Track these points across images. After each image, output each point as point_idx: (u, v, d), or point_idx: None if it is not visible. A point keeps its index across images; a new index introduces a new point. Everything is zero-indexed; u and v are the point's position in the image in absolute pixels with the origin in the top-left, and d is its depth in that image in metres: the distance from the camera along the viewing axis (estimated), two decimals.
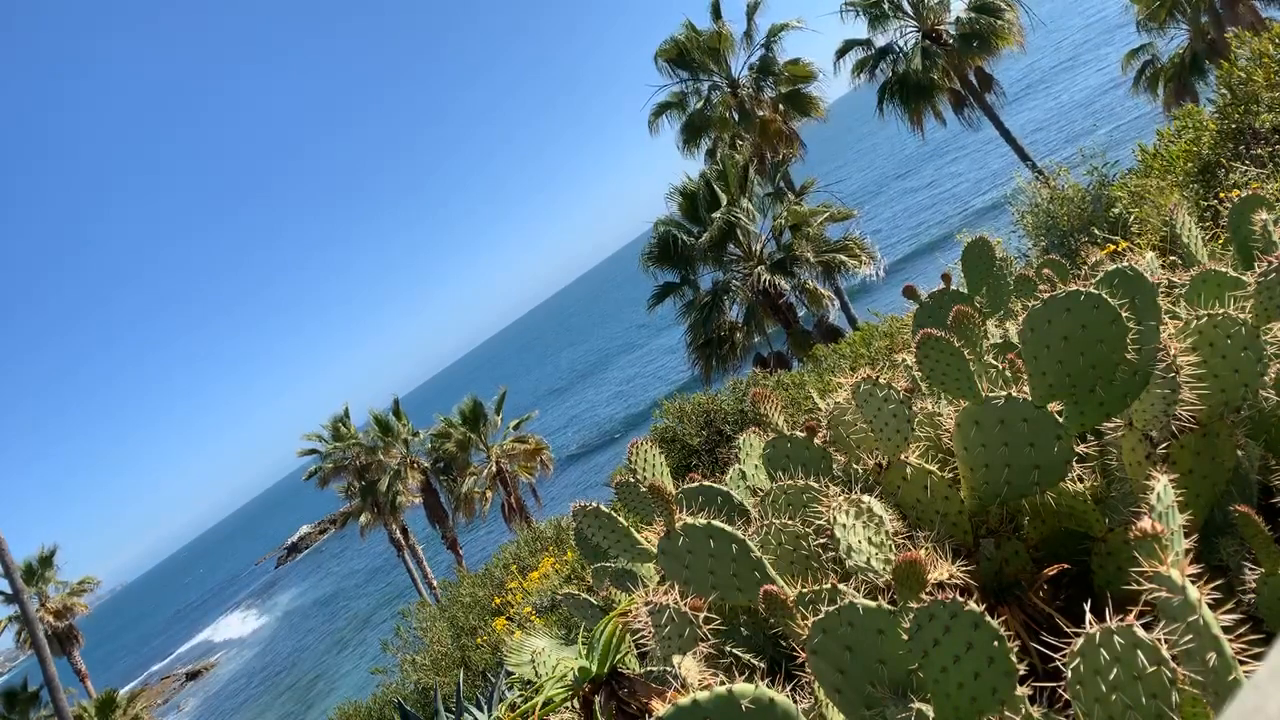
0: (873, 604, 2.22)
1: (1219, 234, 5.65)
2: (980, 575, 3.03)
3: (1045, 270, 4.72)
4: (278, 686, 60.96)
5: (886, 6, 29.16)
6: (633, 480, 4.03)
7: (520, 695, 4.88)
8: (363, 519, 36.68)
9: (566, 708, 3.29)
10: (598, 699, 3.11)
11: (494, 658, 9.83)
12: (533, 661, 3.66)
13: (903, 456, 3.21)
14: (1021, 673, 2.09)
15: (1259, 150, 7.70)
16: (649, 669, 3.19)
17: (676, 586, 2.93)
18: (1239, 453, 2.95)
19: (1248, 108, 7.99)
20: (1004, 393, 2.95)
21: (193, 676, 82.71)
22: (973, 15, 28.14)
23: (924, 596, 2.17)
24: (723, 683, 2.07)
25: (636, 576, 3.85)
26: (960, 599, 2.06)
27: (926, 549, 2.83)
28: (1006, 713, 2.10)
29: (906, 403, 3.23)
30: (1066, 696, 1.94)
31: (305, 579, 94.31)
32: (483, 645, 10.46)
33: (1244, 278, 3.35)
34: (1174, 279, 3.88)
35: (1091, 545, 2.98)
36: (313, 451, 36.68)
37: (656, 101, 29.82)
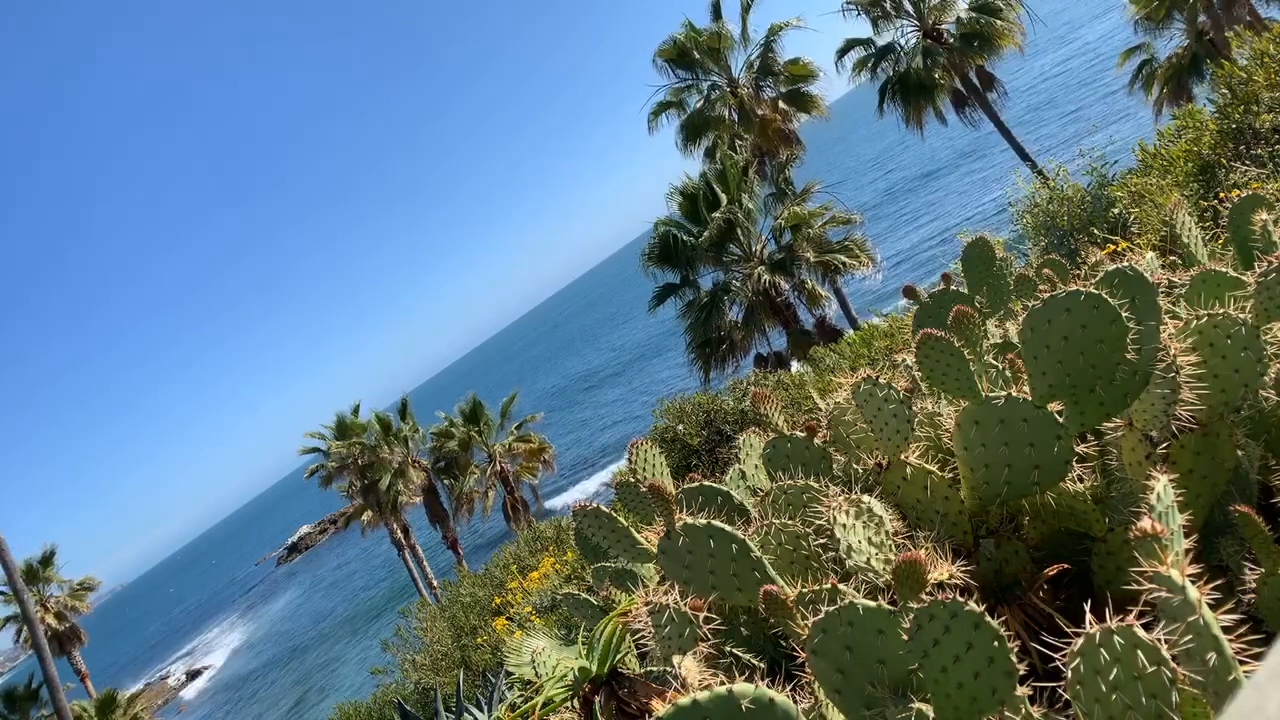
0: (873, 604, 2.22)
1: (1219, 234, 5.65)
2: (980, 575, 3.03)
3: (1045, 270, 4.72)
4: (278, 686, 60.98)
5: (888, 6, 29.18)
6: (633, 480, 4.03)
7: (520, 695, 4.88)
8: (364, 518, 36.70)
9: (566, 708, 3.29)
10: (598, 699, 3.11)
11: (494, 658, 9.83)
12: (533, 662, 3.66)
13: (903, 456, 3.21)
14: (1021, 673, 2.09)
15: (1259, 150, 7.70)
16: (649, 669, 3.19)
17: (676, 586, 2.93)
18: (1239, 453, 2.95)
19: (1248, 108, 7.99)
20: (1004, 393, 2.95)
21: (193, 676, 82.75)
22: (973, 15, 28.16)
23: (924, 596, 2.17)
24: (723, 683, 2.07)
25: (636, 576, 3.85)
26: (960, 599, 2.06)
27: (926, 549, 2.83)
28: (1006, 713, 2.10)
29: (906, 403, 3.23)
30: (1066, 696, 1.94)
31: (306, 579, 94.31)
32: (483, 645, 10.46)
33: (1244, 278, 3.35)
34: (1174, 279, 3.88)
35: (1091, 545, 2.98)
36: (314, 450, 36.69)
37: (656, 101, 29.82)
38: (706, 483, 3.76)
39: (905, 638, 2.13)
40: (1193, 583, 1.82)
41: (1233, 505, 2.70)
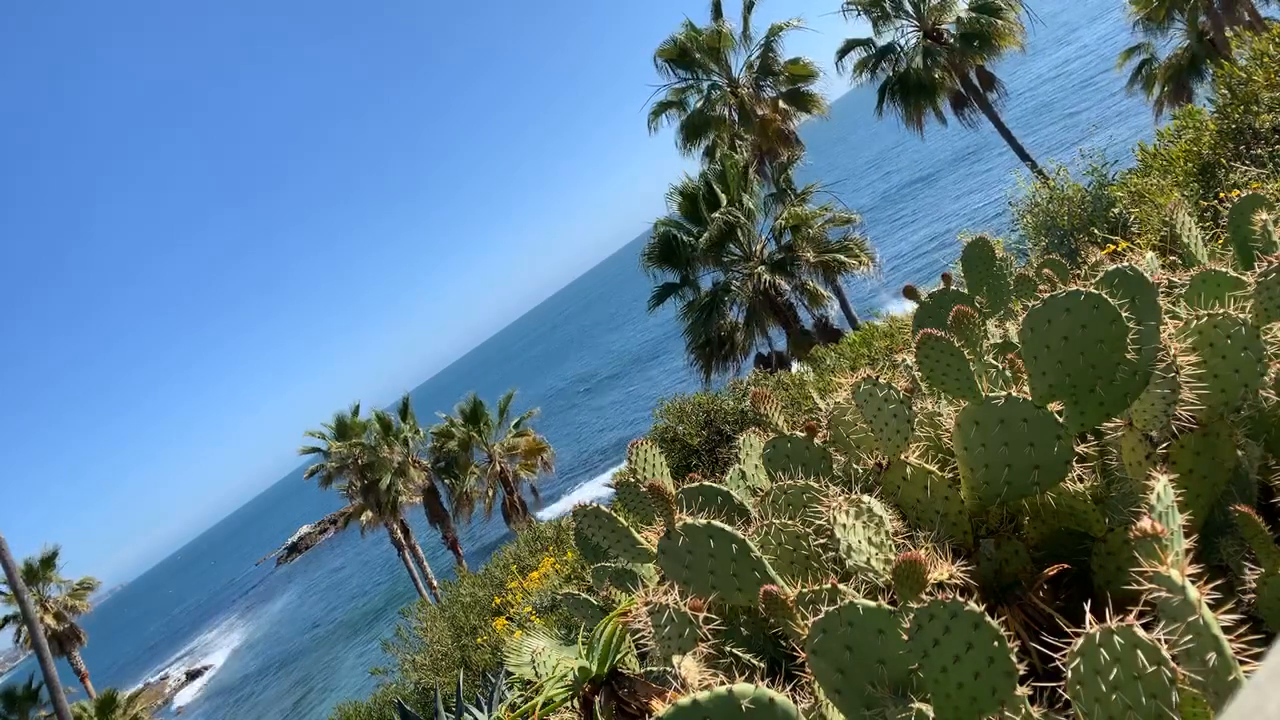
0: (873, 604, 2.22)
1: (1219, 234, 5.65)
2: (980, 575, 3.03)
3: (1045, 270, 4.72)
4: (278, 686, 60.97)
5: (888, 6, 29.17)
6: (633, 480, 4.03)
7: (520, 695, 4.88)
8: (364, 518, 36.68)
9: (566, 708, 3.29)
10: (598, 699, 3.11)
11: (494, 658, 9.83)
12: (533, 661, 3.66)
13: (903, 456, 3.21)
14: (1021, 673, 2.09)
15: (1259, 150, 7.70)
16: (649, 669, 3.19)
17: (676, 586, 2.93)
18: (1239, 453, 2.95)
19: (1248, 108, 7.99)
20: (1004, 393, 2.95)
21: (193, 677, 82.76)
22: (973, 15, 28.16)
23: (924, 596, 2.17)
24: (723, 683, 2.07)
25: (636, 576, 3.85)
26: (960, 599, 2.06)
27: (926, 549, 2.83)
28: (1006, 713, 2.10)
29: (906, 403, 3.23)
30: (1066, 696, 1.94)
31: (306, 579, 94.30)
32: (483, 645, 10.46)
33: (1244, 278, 3.35)
34: (1174, 279, 3.88)
35: (1091, 545, 2.98)
36: (314, 450, 36.68)
37: (657, 101, 29.83)
38: (706, 483, 3.76)
39: (905, 638, 2.13)
40: (1193, 583, 1.82)
41: (1233, 505, 2.70)
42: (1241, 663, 1.78)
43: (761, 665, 2.97)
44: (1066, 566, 3.03)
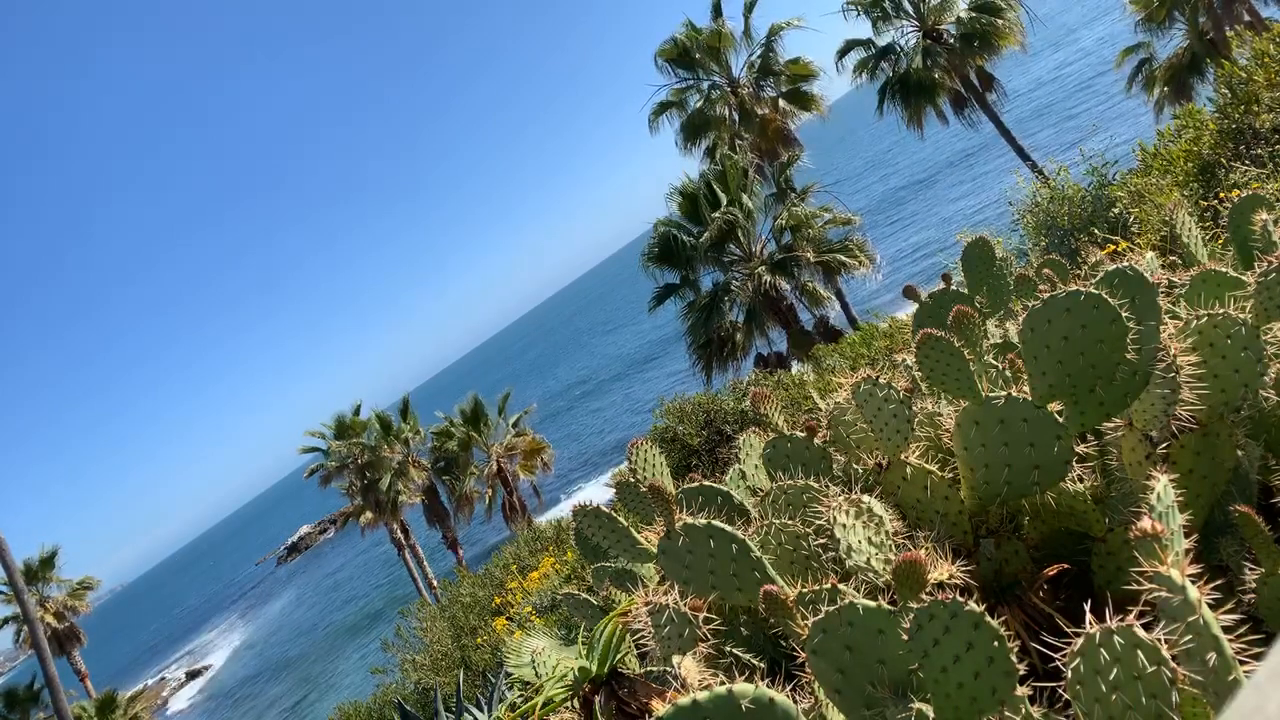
0: (873, 604, 2.22)
1: (1219, 234, 5.65)
2: (980, 575, 3.03)
3: (1045, 270, 4.72)
4: (278, 686, 60.95)
5: (888, 6, 29.17)
6: (633, 480, 4.03)
7: (520, 695, 4.88)
8: (364, 518, 36.69)
9: (566, 708, 3.29)
10: (598, 699, 3.11)
11: (494, 658, 9.83)
12: (533, 662, 3.66)
13: (903, 456, 3.21)
14: (1021, 673, 2.09)
15: (1259, 150, 7.69)
16: (649, 669, 3.19)
17: (676, 586, 2.93)
18: (1239, 453, 2.94)
19: (1248, 107, 7.99)
20: (1004, 393, 2.95)
21: (192, 677, 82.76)
22: (973, 15, 28.16)
23: (924, 596, 2.17)
24: (723, 683, 2.07)
25: (636, 576, 3.85)
26: (960, 599, 2.06)
27: (926, 549, 2.83)
28: (1006, 713, 2.10)
29: (906, 403, 3.23)
30: (1066, 696, 1.94)
31: (306, 579, 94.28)
32: (483, 645, 10.46)
33: (1244, 278, 3.35)
34: (1174, 279, 3.88)
35: (1091, 545, 2.98)
36: (314, 450, 36.70)
37: (657, 101, 29.83)
38: (706, 483, 3.76)
39: (905, 638, 2.13)
40: (1193, 583, 1.82)
41: (1233, 505, 2.70)
42: (1241, 663, 1.78)
43: (761, 665, 2.96)
44: (1066, 566, 3.03)
